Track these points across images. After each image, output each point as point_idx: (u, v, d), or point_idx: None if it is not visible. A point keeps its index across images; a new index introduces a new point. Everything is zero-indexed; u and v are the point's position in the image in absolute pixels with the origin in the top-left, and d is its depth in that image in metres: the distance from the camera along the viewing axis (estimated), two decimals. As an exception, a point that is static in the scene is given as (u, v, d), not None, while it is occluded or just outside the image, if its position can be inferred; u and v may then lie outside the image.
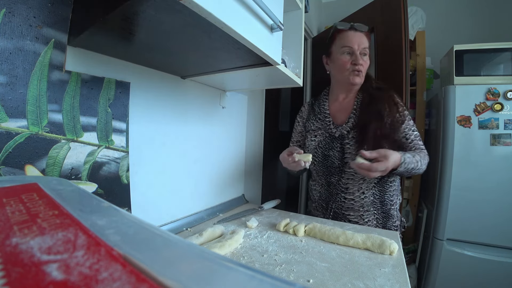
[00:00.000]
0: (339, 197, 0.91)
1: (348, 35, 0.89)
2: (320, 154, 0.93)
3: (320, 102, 1.02)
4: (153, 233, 0.17)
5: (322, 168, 0.94)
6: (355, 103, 0.93)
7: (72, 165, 0.52)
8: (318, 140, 0.95)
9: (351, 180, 0.89)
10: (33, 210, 0.17)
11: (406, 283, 0.50)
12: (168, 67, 0.69)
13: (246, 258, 0.60)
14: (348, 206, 0.89)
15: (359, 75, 0.89)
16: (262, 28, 0.51)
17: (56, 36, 0.48)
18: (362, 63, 0.88)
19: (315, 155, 0.93)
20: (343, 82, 0.93)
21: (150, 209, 0.71)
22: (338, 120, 0.95)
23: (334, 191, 0.92)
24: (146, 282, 0.11)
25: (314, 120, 1.00)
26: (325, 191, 0.96)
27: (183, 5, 0.33)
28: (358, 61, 0.87)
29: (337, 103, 0.98)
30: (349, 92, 0.95)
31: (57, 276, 0.11)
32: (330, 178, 0.93)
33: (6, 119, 0.42)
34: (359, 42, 0.88)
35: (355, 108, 0.92)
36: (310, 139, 0.97)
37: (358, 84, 0.91)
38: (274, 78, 0.75)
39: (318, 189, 0.99)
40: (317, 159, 0.93)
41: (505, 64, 1.44)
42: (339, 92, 0.97)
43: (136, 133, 0.66)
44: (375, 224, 0.88)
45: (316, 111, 1.01)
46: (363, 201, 0.88)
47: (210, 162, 0.95)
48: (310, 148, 0.96)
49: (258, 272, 0.13)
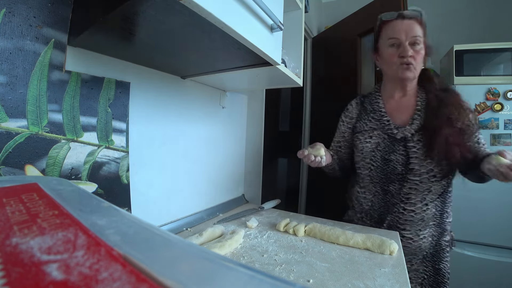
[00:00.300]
0: (397, 208, 0.79)
1: (394, 25, 0.80)
2: (379, 158, 0.81)
3: (372, 99, 0.91)
4: (153, 233, 0.17)
5: (379, 174, 0.82)
6: (418, 103, 0.82)
7: (72, 165, 0.52)
8: (375, 142, 0.83)
9: (414, 190, 0.78)
10: (33, 210, 0.17)
11: (406, 283, 0.50)
12: (168, 67, 0.69)
13: (246, 258, 0.60)
14: (407, 219, 0.78)
15: (409, 68, 0.78)
16: (262, 28, 0.51)
17: (56, 36, 0.48)
18: (412, 55, 0.77)
19: (372, 159, 0.82)
20: (394, 78, 0.83)
21: (150, 209, 0.71)
22: (397, 120, 0.83)
23: (392, 201, 0.80)
24: (146, 282, 0.11)
25: (367, 120, 0.88)
26: (379, 201, 0.83)
27: (183, 5, 0.33)
28: (405, 53, 0.77)
29: (393, 101, 0.87)
30: (403, 88, 0.84)
31: (57, 276, 0.11)
32: (388, 185, 0.81)
33: (6, 119, 0.42)
34: (407, 31, 0.77)
35: (419, 108, 0.81)
36: (364, 141, 0.85)
37: (411, 79, 0.80)
38: (274, 78, 0.75)
39: (370, 197, 0.86)
40: (375, 163, 0.82)
41: (505, 64, 1.45)
42: (393, 89, 0.86)
43: (136, 133, 0.66)
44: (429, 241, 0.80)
45: (368, 110, 0.89)
46: (424, 213, 0.78)
47: (210, 162, 0.95)
48: (365, 151, 0.84)
49: (258, 272, 0.13)
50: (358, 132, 0.90)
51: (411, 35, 0.77)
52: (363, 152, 0.85)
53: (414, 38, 0.77)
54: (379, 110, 0.87)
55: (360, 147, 0.86)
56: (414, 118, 0.80)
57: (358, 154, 0.88)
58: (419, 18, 0.80)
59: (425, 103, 0.82)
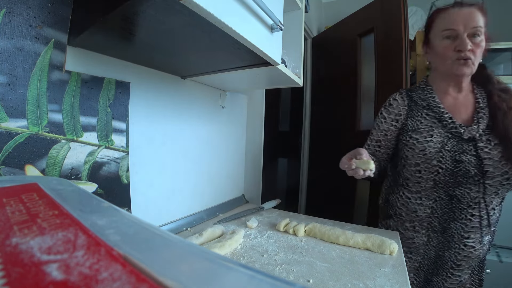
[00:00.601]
0: (464, 214, 0.71)
1: (449, 15, 0.71)
2: (449, 159, 0.72)
3: (424, 94, 0.81)
4: (153, 233, 0.17)
5: (447, 177, 0.72)
6: (478, 100, 0.76)
7: (72, 165, 0.52)
8: (439, 141, 0.74)
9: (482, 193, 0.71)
10: (33, 210, 0.17)
11: (406, 283, 0.50)
12: (168, 67, 0.69)
13: (246, 258, 0.60)
14: (473, 225, 0.71)
15: (467, 63, 0.70)
16: (262, 28, 0.51)
17: (56, 36, 0.48)
18: (471, 48, 0.68)
19: (440, 160, 0.72)
20: (448, 74, 0.75)
21: (150, 209, 0.71)
22: (458, 118, 0.76)
23: (458, 206, 0.72)
24: (146, 282, 0.11)
25: (420, 117, 0.79)
26: (442, 207, 0.74)
27: (183, 5, 0.33)
28: (464, 46, 0.68)
29: (450, 98, 0.79)
30: (458, 85, 0.77)
31: (57, 276, 0.11)
32: (454, 190, 0.72)
33: (6, 119, 0.42)
34: (466, 21, 0.68)
35: (482, 107, 0.74)
36: (423, 141, 0.75)
37: (467, 75, 0.73)
38: (274, 78, 0.75)
39: (429, 203, 0.76)
40: (444, 165, 0.72)
41: (505, 64, 1.44)
42: (447, 84, 0.78)
43: (136, 133, 0.66)
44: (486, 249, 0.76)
45: (421, 105, 0.80)
46: (491, 218, 0.72)
47: (210, 162, 0.95)
48: (429, 152, 0.74)
49: (258, 272, 0.13)
50: (411, 131, 0.79)
51: (471, 26, 0.67)
52: (425, 152, 0.74)
53: (474, 29, 0.68)
54: (436, 106, 0.77)
55: (419, 147, 0.76)
56: (479, 117, 0.73)
57: (417, 156, 0.76)
58: (480, 5, 0.69)
59: (485, 101, 0.75)
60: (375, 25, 1.53)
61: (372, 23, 1.55)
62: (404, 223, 0.81)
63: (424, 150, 0.75)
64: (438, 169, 0.73)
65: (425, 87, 0.82)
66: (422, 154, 0.75)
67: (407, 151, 0.79)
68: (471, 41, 0.68)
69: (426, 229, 0.77)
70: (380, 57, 1.51)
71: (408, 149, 0.79)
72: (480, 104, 0.75)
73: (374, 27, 1.53)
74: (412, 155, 0.77)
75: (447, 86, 0.78)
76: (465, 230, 0.72)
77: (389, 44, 1.44)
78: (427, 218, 0.76)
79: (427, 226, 0.77)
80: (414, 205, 0.79)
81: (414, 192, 0.79)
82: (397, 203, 0.84)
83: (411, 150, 0.78)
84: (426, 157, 0.74)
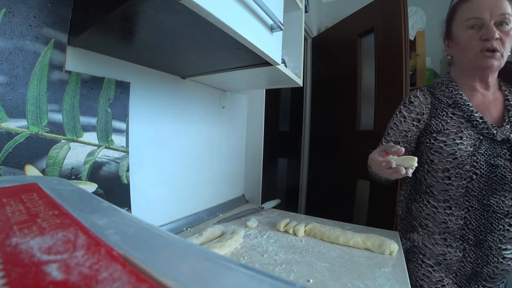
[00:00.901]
0: (502, 225, 0.64)
1: (473, 3, 0.65)
2: (484, 164, 0.65)
3: (450, 91, 0.73)
4: (153, 233, 0.17)
5: (481, 184, 0.65)
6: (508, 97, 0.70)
7: (72, 165, 0.52)
8: (471, 144, 0.66)
9: None
10: (33, 210, 0.17)
11: (406, 283, 0.50)
12: (168, 67, 0.69)
13: (246, 258, 0.60)
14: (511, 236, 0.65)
15: (494, 55, 0.63)
16: (262, 28, 0.51)
17: (56, 36, 0.48)
18: (499, 37, 0.62)
19: (474, 165, 0.65)
20: (473, 68, 0.69)
21: (150, 209, 0.71)
22: (488, 118, 0.69)
23: (495, 216, 0.65)
24: (146, 282, 0.11)
25: (446, 116, 0.71)
26: (476, 218, 0.66)
27: (183, 5, 0.33)
28: (490, 35, 0.62)
29: (478, 95, 0.72)
30: (484, 80, 0.70)
31: (57, 276, 0.11)
32: (489, 198, 0.65)
33: (6, 119, 0.42)
34: (492, 8, 0.62)
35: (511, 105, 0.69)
36: (452, 143, 0.68)
37: (495, 68, 0.66)
38: (274, 78, 0.75)
39: (460, 214, 0.68)
40: (479, 171, 0.65)
41: (505, 64, 1.44)
42: (472, 80, 0.71)
43: (136, 133, 0.66)
44: None
45: (445, 103, 0.72)
46: None
47: (210, 162, 0.95)
48: (461, 156, 0.66)
49: (258, 272, 0.13)
50: (435, 132, 0.71)
51: (498, 13, 0.61)
52: (456, 156, 0.67)
53: (502, 16, 0.62)
54: (464, 105, 0.69)
55: (448, 150, 0.68)
56: (510, 116, 0.67)
57: (445, 160, 0.68)
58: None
59: None
60: (375, 25, 1.53)
61: (372, 23, 1.55)
62: (432, 236, 0.73)
63: (454, 154, 0.67)
64: (472, 175, 0.65)
65: (449, 84, 0.74)
66: (452, 158, 0.67)
67: (432, 155, 0.72)
68: (498, 29, 0.62)
69: (458, 242, 0.68)
70: (380, 57, 1.51)
71: (433, 153, 0.71)
72: (510, 101, 0.69)
73: (374, 27, 1.53)
74: (439, 160, 0.70)
75: (472, 82, 0.71)
76: (503, 241, 0.65)
77: (389, 44, 1.44)
78: (459, 230, 0.68)
79: (460, 238, 0.68)
80: (443, 215, 0.71)
81: (442, 201, 0.71)
82: (422, 213, 0.75)
83: (438, 154, 0.70)
84: (457, 162, 0.67)
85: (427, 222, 0.74)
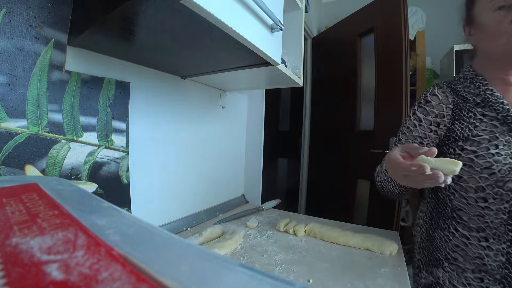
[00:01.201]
0: None
1: None
2: None
3: (476, 86, 0.59)
4: (153, 233, 0.17)
5: None
6: None
7: (72, 165, 0.52)
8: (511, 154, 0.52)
9: None
10: (33, 210, 0.17)
11: (406, 283, 0.50)
12: (168, 67, 0.69)
13: (246, 258, 0.60)
14: None
15: None
16: (262, 28, 0.51)
17: (56, 36, 0.48)
18: None
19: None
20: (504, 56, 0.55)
21: (150, 209, 0.71)
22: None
23: None
24: (146, 282, 0.11)
25: (475, 118, 0.57)
26: None
27: (183, 5, 0.33)
28: None
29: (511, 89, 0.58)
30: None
31: (57, 276, 0.11)
32: None
33: (6, 119, 0.42)
34: None
35: None
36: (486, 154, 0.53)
37: None
38: (274, 78, 0.75)
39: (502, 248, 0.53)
40: None
41: (505, 64, 1.44)
42: (503, 72, 0.57)
43: (136, 133, 0.66)
44: None
45: (472, 101, 0.58)
46: None
47: (210, 162, 0.95)
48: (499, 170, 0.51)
49: (258, 272, 0.13)
50: (462, 140, 0.57)
51: None
52: (493, 171, 0.52)
53: None
54: (498, 103, 0.55)
55: (481, 164, 0.53)
56: None
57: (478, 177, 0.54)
58: None
59: None
60: (375, 25, 1.53)
61: (372, 23, 1.55)
62: (464, 274, 0.57)
63: (490, 168, 0.52)
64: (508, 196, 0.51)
65: (475, 78, 0.60)
66: (488, 173, 0.52)
67: None
68: None
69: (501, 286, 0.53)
70: (380, 57, 1.51)
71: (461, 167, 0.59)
72: None
73: (374, 27, 1.53)
74: (469, 176, 0.55)
75: (504, 75, 0.57)
76: None
77: (389, 44, 1.44)
78: (500, 269, 0.53)
79: (502, 280, 0.53)
80: (477, 248, 0.55)
81: (475, 230, 0.56)
82: (448, 244, 0.60)
83: (467, 168, 0.55)
84: (495, 179, 0.52)
85: (456, 255, 0.59)
